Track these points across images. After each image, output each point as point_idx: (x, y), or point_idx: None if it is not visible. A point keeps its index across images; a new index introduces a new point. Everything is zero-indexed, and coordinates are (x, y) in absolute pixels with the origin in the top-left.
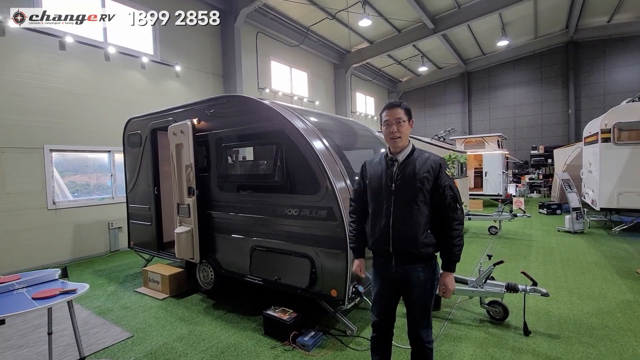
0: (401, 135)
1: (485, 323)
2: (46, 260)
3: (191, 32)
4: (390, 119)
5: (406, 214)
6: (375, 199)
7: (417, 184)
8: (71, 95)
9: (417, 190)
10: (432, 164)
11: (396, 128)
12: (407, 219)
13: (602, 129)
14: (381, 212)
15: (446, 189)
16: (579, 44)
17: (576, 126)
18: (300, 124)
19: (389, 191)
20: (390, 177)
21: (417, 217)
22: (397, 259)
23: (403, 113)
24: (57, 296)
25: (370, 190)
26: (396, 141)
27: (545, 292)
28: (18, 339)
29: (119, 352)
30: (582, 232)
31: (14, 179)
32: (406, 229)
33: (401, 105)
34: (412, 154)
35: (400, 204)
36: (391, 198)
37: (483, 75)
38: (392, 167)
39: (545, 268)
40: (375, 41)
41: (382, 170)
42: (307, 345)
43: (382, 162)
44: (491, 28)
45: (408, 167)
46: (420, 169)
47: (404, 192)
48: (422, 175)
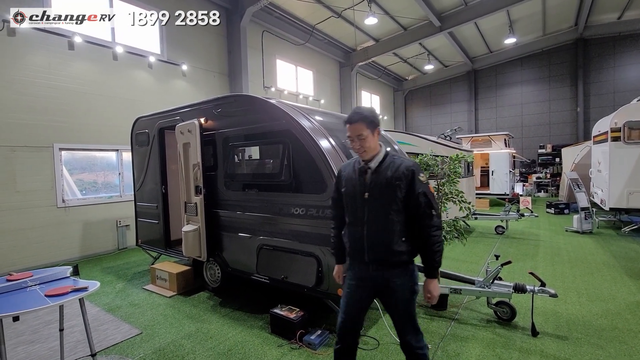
0: (365, 149)
1: (492, 323)
2: (56, 257)
3: (198, 31)
4: (351, 135)
5: (380, 222)
6: (350, 207)
7: (390, 192)
8: (80, 95)
9: (390, 198)
10: (404, 170)
11: (359, 144)
12: (381, 228)
13: (612, 128)
14: (356, 220)
15: (420, 195)
16: (588, 41)
17: (585, 125)
18: (306, 123)
19: (362, 200)
20: (363, 186)
21: (391, 225)
22: (374, 265)
23: (364, 127)
24: (69, 293)
25: (345, 198)
26: (362, 155)
27: (554, 293)
28: (30, 335)
29: (128, 348)
30: (590, 232)
31: (24, 178)
32: (380, 237)
33: (360, 119)
34: (384, 161)
35: (373, 213)
36: (365, 207)
37: (490, 73)
38: (364, 175)
39: (553, 268)
40: (381, 39)
41: (355, 179)
42: (313, 344)
43: (357, 169)
44: (498, 25)
45: (380, 174)
46: (392, 176)
47: (377, 200)
48: (394, 183)
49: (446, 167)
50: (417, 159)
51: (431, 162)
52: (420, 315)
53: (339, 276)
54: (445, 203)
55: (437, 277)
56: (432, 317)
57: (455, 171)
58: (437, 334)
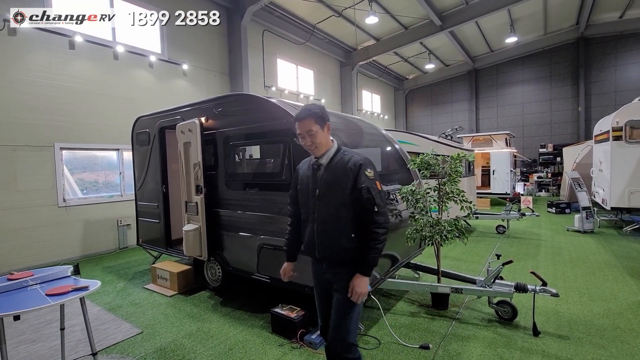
0: (316, 145)
1: (493, 323)
2: (57, 257)
3: (198, 30)
4: (302, 132)
5: (330, 219)
6: (304, 204)
7: (339, 188)
8: (81, 94)
9: (339, 194)
10: (352, 166)
11: (310, 140)
12: (331, 225)
13: (614, 127)
14: (308, 217)
15: (363, 190)
16: (590, 40)
17: (586, 124)
18: None
19: (314, 196)
20: (315, 183)
21: (340, 222)
22: (326, 262)
23: (313, 122)
24: (70, 293)
25: (300, 196)
26: (313, 152)
27: (555, 293)
28: (31, 334)
29: (129, 347)
30: (592, 232)
31: (25, 177)
32: (330, 234)
33: (310, 116)
34: (335, 157)
35: (324, 210)
36: (316, 204)
37: (491, 73)
38: (317, 171)
39: (554, 268)
40: (382, 38)
41: (309, 176)
42: (314, 344)
43: (312, 166)
44: (499, 25)
45: (331, 170)
46: (341, 171)
47: (327, 197)
48: (342, 178)
49: (447, 166)
50: (418, 159)
51: (432, 161)
52: (420, 314)
53: (284, 273)
54: (446, 202)
55: (368, 276)
56: (433, 316)
57: (457, 170)
58: (438, 333)
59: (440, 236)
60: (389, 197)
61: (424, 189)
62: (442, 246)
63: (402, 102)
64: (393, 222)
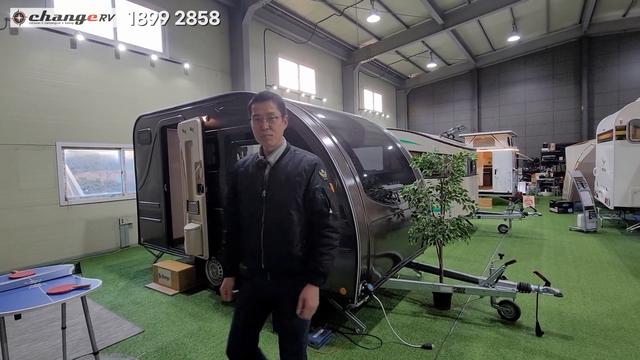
0: (273, 132)
1: (496, 323)
2: (58, 255)
3: (200, 29)
4: (260, 114)
5: (279, 224)
6: (247, 208)
7: (290, 189)
8: (82, 93)
9: (290, 196)
10: (306, 166)
11: (267, 124)
12: (280, 231)
13: (617, 126)
14: (252, 223)
15: (317, 192)
16: (593, 38)
17: (589, 123)
18: (309, 121)
19: (259, 198)
20: (260, 183)
21: (290, 227)
22: (272, 274)
23: (276, 107)
24: (71, 292)
25: (242, 198)
26: (267, 139)
27: (559, 293)
28: (33, 332)
29: (131, 347)
30: (594, 231)
31: (27, 176)
32: (279, 242)
33: (274, 98)
34: (285, 155)
35: (272, 213)
36: (262, 206)
37: (493, 72)
38: (262, 170)
39: (557, 268)
40: (384, 37)
41: (253, 175)
42: (316, 343)
43: (254, 165)
44: (502, 23)
45: (280, 170)
46: (293, 171)
47: (275, 199)
48: (295, 179)
49: (450, 165)
50: (420, 158)
51: (434, 160)
52: (422, 314)
53: (226, 291)
54: (449, 202)
55: (320, 286)
56: (435, 316)
57: (459, 169)
58: (440, 333)
59: (443, 236)
60: (390, 197)
61: (426, 188)
62: (444, 246)
63: (403, 102)
64: (396, 221)
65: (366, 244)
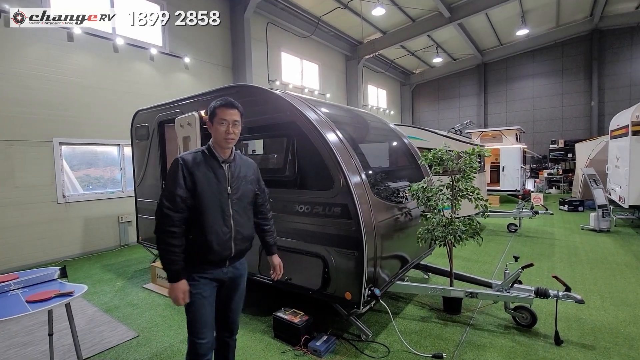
0: (235, 137)
1: (511, 330)
2: (56, 254)
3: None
4: (227, 119)
5: (244, 215)
6: (212, 204)
7: (250, 186)
8: (79, 88)
9: (250, 192)
10: (254, 167)
11: (232, 130)
12: (246, 221)
13: (633, 122)
14: (221, 217)
15: (261, 183)
16: (604, 32)
17: (599, 119)
18: (312, 115)
19: (226, 195)
20: (224, 180)
21: (251, 216)
22: (232, 260)
23: (239, 116)
24: (53, 299)
25: (204, 196)
26: (229, 142)
27: (580, 299)
28: (23, 337)
29: (124, 353)
30: (608, 231)
31: (23, 173)
32: (246, 230)
33: (239, 108)
34: (236, 155)
35: (238, 207)
36: (229, 201)
37: (500, 66)
38: (221, 169)
39: (571, 270)
40: (389, 31)
41: (214, 173)
42: (319, 351)
43: (210, 164)
44: (510, 16)
45: (238, 168)
46: (248, 171)
47: (239, 194)
48: (251, 177)
49: (462, 161)
50: (430, 154)
51: (445, 156)
52: (432, 319)
53: (184, 296)
54: (460, 200)
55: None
56: (445, 321)
57: (472, 166)
58: (451, 340)
59: (454, 237)
60: (397, 195)
61: (436, 187)
62: (454, 247)
63: (408, 97)
64: (404, 221)
65: (373, 245)
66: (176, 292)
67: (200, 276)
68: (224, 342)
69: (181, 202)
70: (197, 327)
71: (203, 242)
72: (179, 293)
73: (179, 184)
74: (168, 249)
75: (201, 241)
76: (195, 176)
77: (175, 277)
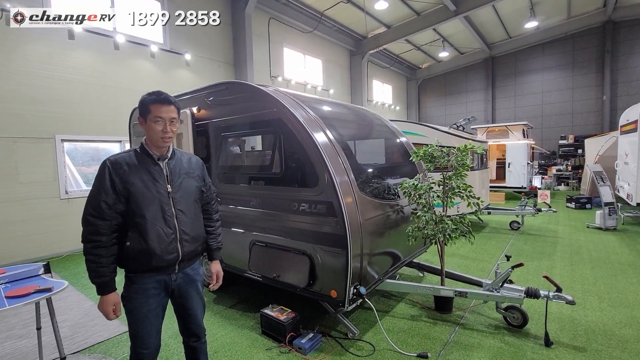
0: (172, 135)
1: (501, 330)
2: (59, 249)
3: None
4: (164, 117)
5: (190, 214)
6: (150, 206)
7: (194, 183)
8: (81, 85)
9: (194, 188)
10: (197, 163)
11: (169, 129)
12: (193, 220)
13: None
14: (162, 218)
15: (207, 181)
16: (618, 23)
17: (611, 114)
18: (300, 113)
19: (167, 194)
20: (163, 179)
21: (198, 214)
22: (181, 264)
23: (176, 112)
24: (31, 295)
25: (139, 198)
26: (166, 141)
27: (571, 300)
28: (20, 329)
29: (113, 347)
30: (614, 229)
31: (27, 169)
32: (193, 230)
33: (175, 104)
34: (174, 152)
35: (182, 206)
36: (170, 200)
37: (508, 60)
38: (157, 167)
39: (571, 269)
40: (393, 25)
41: (149, 172)
42: (303, 348)
43: (144, 163)
44: (519, 8)
45: (178, 166)
46: (190, 167)
47: (182, 192)
48: (195, 174)
49: (453, 158)
50: (421, 150)
51: (437, 153)
52: (422, 318)
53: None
54: (452, 198)
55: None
56: (435, 320)
57: (463, 163)
58: (439, 340)
59: (444, 235)
60: (389, 192)
61: (427, 184)
62: (446, 245)
63: (414, 92)
64: (394, 218)
65: (358, 244)
66: (104, 306)
67: (144, 287)
68: (193, 348)
69: (107, 208)
70: (141, 339)
71: (143, 247)
72: (108, 307)
73: (105, 189)
74: (93, 260)
75: (141, 247)
76: (127, 178)
77: (103, 289)
